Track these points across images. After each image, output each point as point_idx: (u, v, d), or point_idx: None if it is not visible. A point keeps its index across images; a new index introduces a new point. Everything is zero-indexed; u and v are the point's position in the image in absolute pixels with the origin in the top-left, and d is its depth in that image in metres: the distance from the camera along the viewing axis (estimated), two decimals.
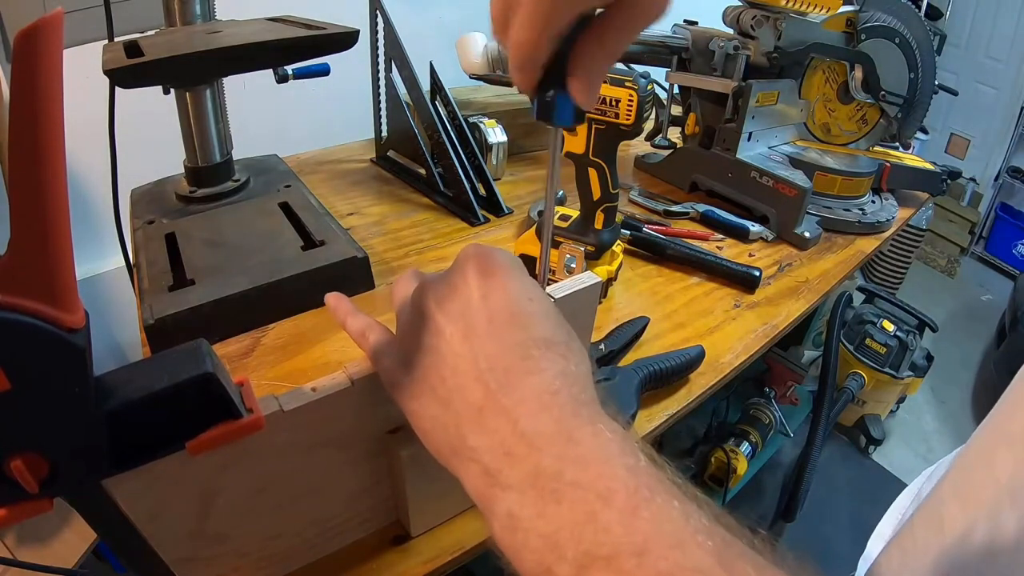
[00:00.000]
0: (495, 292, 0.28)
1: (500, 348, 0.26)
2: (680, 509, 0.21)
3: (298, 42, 0.59)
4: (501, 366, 0.26)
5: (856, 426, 1.73)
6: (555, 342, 0.27)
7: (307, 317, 0.61)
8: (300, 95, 0.89)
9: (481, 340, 0.26)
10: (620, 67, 0.57)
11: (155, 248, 0.63)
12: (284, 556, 0.37)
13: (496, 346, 0.26)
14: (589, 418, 0.24)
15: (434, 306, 0.28)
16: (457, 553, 0.40)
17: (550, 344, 0.27)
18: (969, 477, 0.28)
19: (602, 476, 0.22)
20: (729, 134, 0.85)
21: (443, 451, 0.27)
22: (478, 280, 0.28)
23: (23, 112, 0.17)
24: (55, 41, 0.17)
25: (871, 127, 0.95)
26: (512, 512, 0.23)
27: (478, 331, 0.27)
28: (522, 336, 0.27)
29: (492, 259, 0.29)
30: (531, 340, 0.27)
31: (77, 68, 0.68)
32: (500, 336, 0.27)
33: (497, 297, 0.28)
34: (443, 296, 0.29)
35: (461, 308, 0.28)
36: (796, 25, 0.81)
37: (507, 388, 0.25)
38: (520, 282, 0.29)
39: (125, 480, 0.26)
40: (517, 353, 0.26)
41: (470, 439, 0.25)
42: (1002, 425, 0.27)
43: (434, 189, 0.86)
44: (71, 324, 0.21)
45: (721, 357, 0.59)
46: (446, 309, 0.28)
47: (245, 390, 0.30)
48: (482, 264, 0.29)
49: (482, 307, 0.27)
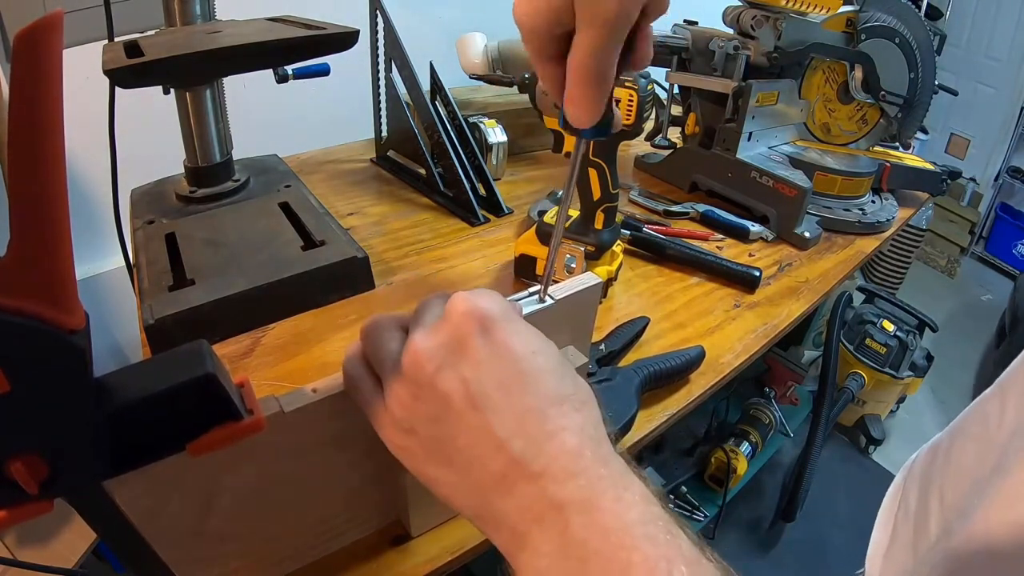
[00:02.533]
0: (500, 352, 0.26)
1: (516, 415, 0.25)
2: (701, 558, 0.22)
3: (298, 42, 0.59)
4: (521, 433, 0.25)
5: (856, 426, 1.73)
6: (567, 396, 0.27)
7: (307, 317, 0.60)
8: (300, 95, 0.89)
9: (495, 408, 0.25)
10: None
11: (155, 248, 0.63)
12: (284, 556, 0.37)
13: (512, 414, 0.25)
14: (612, 481, 0.24)
15: (434, 372, 0.26)
16: (457, 553, 0.40)
17: (563, 399, 0.26)
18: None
19: (623, 547, 0.22)
20: (729, 134, 0.85)
21: (466, 512, 0.27)
22: (480, 340, 0.27)
23: (23, 112, 0.17)
24: (55, 41, 0.17)
25: (871, 127, 0.95)
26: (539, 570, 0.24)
27: (491, 399, 0.26)
28: (536, 398, 0.26)
29: (488, 313, 0.27)
30: (546, 400, 0.26)
31: (77, 68, 0.68)
32: (514, 402, 0.26)
33: (503, 358, 0.26)
34: (442, 361, 0.26)
35: (467, 374, 0.26)
36: (796, 25, 0.81)
37: (530, 455, 0.25)
38: (522, 335, 0.28)
39: (125, 481, 0.26)
40: (535, 418, 0.26)
41: (496, 504, 0.25)
42: None
43: (434, 189, 0.86)
44: (71, 325, 0.21)
45: (721, 357, 0.59)
46: (448, 375, 0.26)
47: (245, 391, 0.30)
48: (480, 320, 0.27)
49: (490, 371, 0.26)
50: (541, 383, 0.27)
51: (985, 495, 0.28)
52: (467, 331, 0.27)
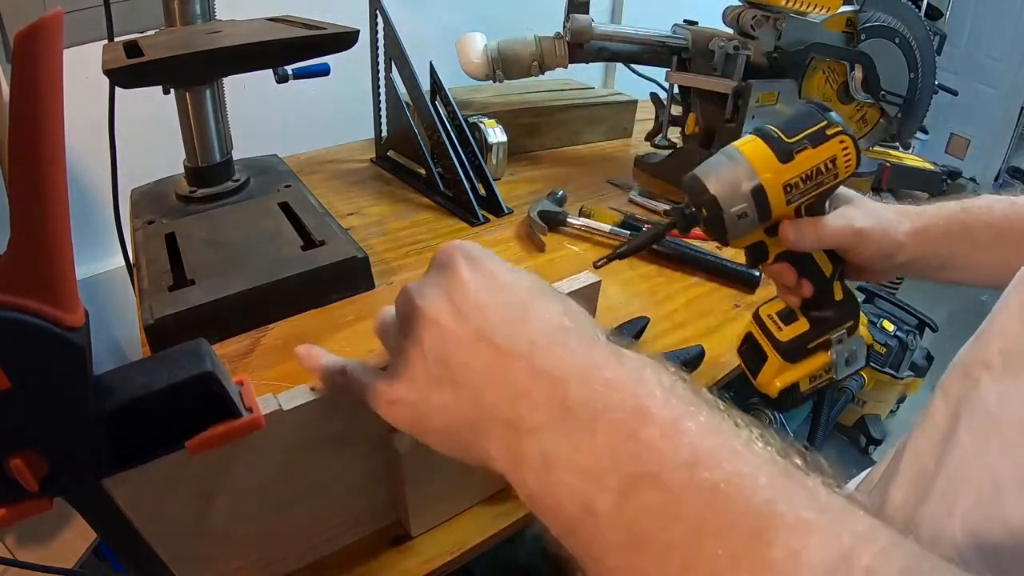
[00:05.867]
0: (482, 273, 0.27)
1: (496, 309, 0.25)
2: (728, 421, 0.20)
3: (298, 42, 0.59)
4: (501, 321, 0.25)
5: (856, 426, 1.73)
6: (549, 294, 0.27)
7: (307, 317, 0.61)
8: (300, 95, 0.89)
9: (475, 310, 0.25)
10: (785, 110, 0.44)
11: (155, 248, 0.63)
12: (284, 556, 0.37)
13: (492, 309, 0.25)
14: (609, 347, 0.23)
15: (419, 301, 0.27)
16: (457, 553, 0.40)
17: (546, 294, 0.26)
18: None
19: (636, 395, 0.20)
20: (729, 134, 0.85)
21: (461, 436, 0.25)
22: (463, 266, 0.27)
23: (23, 112, 0.17)
24: (55, 41, 0.17)
25: (871, 127, 0.95)
26: (545, 452, 0.21)
27: (470, 303, 0.26)
28: (516, 293, 0.26)
29: (470, 247, 0.28)
30: (525, 293, 0.26)
31: (77, 68, 0.68)
32: (493, 300, 0.26)
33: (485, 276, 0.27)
34: (426, 290, 0.27)
35: (447, 292, 0.27)
36: (796, 25, 0.81)
37: (513, 338, 0.24)
38: (504, 264, 0.28)
39: (125, 480, 0.26)
40: (515, 308, 0.25)
41: (487, 399, 0.24)
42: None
43: (434, 189, 0.86)
44: (71, 323, 0.21)
45: (721, 357, 0.59)
46: (431, 299, 0.27)
47: (245, 390, 0.30)
48: (462, 251, 0.28)
49: (469, 283, 0.26)
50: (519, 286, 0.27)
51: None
52: (450, 261, 0.27)
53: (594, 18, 0.83)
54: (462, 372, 0.25)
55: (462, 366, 0.25)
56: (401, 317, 0.28)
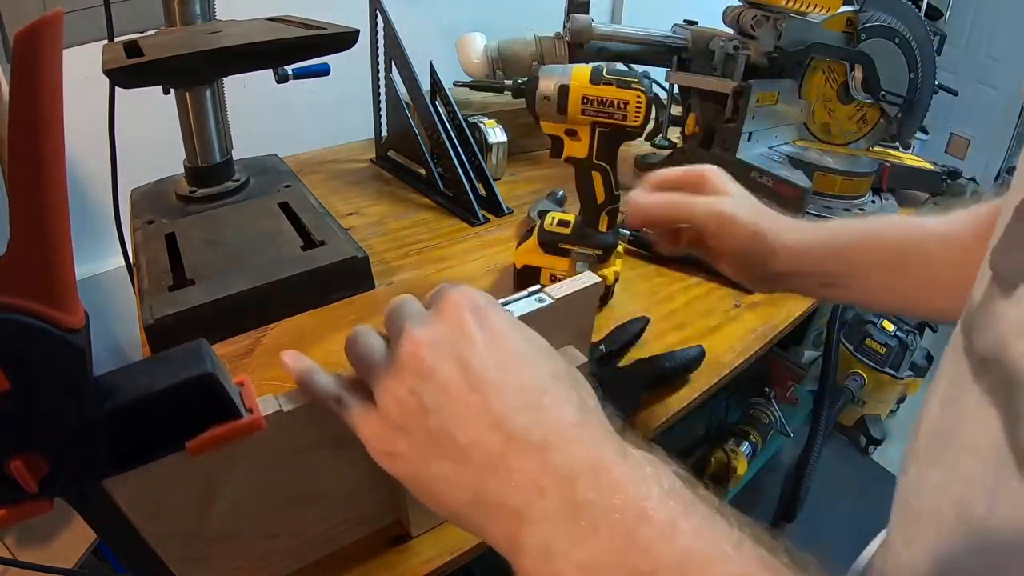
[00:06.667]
0: (496, 336, 0.26)
1: (514, 390, 0.25)
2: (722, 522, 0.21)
3: (298, 42, 0.59)
4: (519, 408, 0.24)
5: (856, 426, 1.73)
6: (563, 376, 0.26)
7: (307, 317, 0.61)
8: (300, 95, 0.89)
9: (493, 386, 0.25)
10: (621, 67, 0.57)
11: (155, 248, 0.63)
12: (284, 556, 0.37)
13: (510, 390, 0.25)
14: (618, 446, 0.24)
15: (434, 360, 0.26)
16: (457, 553, 0.40)
17: (559, 378, 0.26)
18: None
19: (638, 497, 0.21)
20: (729, 134, 0.85)
21: (462, 509, 0.25)
22: (476, 326, 0.26)
23: (23, 112, 0.17)
24: (55, 41, 0.17)
25: (871, 127, 0.95)
26: (547, 545, 0.22)
27: (488, 378, 0.25)
28: (533, 376, 0.26)
29: (480, 301, 0.27)
30: (543, 377, 0.26)
31: (77, 68, 0.68)
32: (511, 380, 0.25)
33: (499, 341, 0.26)
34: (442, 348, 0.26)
35: (463, 357, 0.25)
36: (796, 25, 0.81)
37: (530, 428, 0.24)
38: (513, 322, 0.28)
39: (125, 480, 0.26)
40: (533, 393, 0.25)
41: (492, 486, 0.24)
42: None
43: (434, 189, 0.86)
44: (71, 324, 0.21)
45: (721, 357, 0.59)
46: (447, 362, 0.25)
47: (245, 390, 0.30)
48: (473, 307, 0.27)
49: (488, 354, 0.26)
50: (537, 363, 0.26)
51: None
52: (463, 318, 0.27)
53: (594, 18, 0.83)
54: (468, 451, 0.24)
55: (469, 445, 0.24)
56: (398, 363, 0.27)
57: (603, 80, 0.54)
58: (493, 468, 0.24)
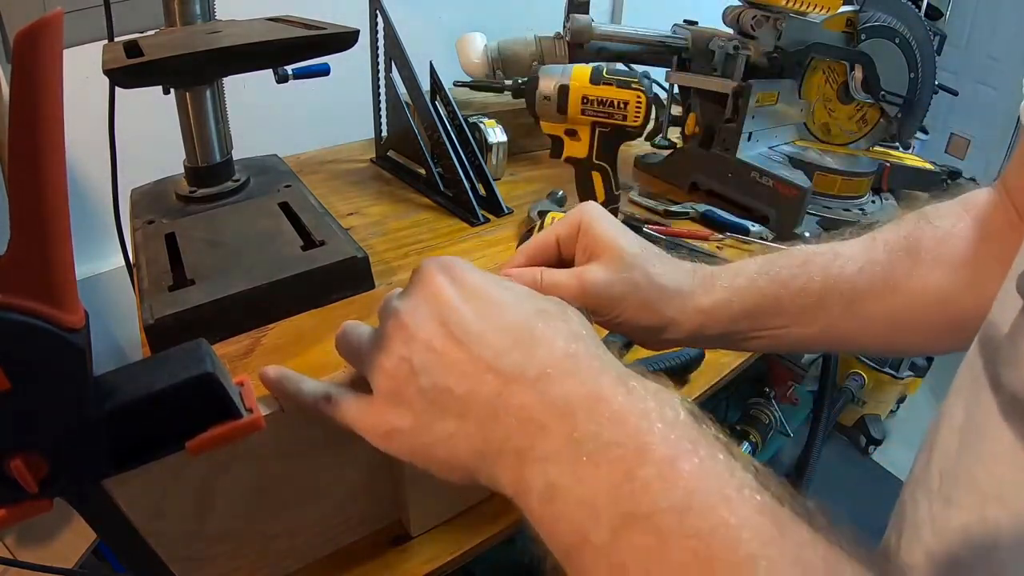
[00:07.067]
0: (471, 291, 0.26)
1: (500, 334, 0.25)
2: (725, 463, 0.20)
3: (298, 42, 0.59)
4: (507, 348, 0.24)
5: (856, 426, 1.73)
6: (552, 312, 0.26)
7: (307, 317, 0.60)
8: (300, 95, 0.89)
9: (477, 335, 0.25)
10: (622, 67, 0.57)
11: (155, 248, 0.63)
12: (284, 556, 0.37)
13: (495, 334, 0.25)
14: (617, 376, 0.23)
15: (412, 325, 0.26)
16: (457, 553, 0.40)
17: (548, 314, 0.26)
18: None
19: (640, 431, 0.21)
20: (729, 134, 0.85)
21: (470, 464, 0.25)
22: (448, 281, 0.26)
23: (23, 112, 0.17)
24: (55, 41, 0.17)
25: (871, 127, 0.95)
26: (551, 482, 0.22)
27: (470, 328, 0.25)
28: (518, 315, 0.25)
29: (453, 263, 0.28)
30: (528, 315, 0.25)
31: (77, 68, 0.68)
32: (493, 324, 0.25)
33: (475, 295, 0.26)
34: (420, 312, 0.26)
35: (442, 315, 0.26)
36: (796, 25, 0.81)
37: (522, 365, 0.23)
38: (487, 275, 0.28)
39: (125, 480, 0.26)
40: (520, 330, 0.25)
41: (496, 432, 0.23)
42: None
43: (434, 189, 0.86)
44: (71, 324, 0.21)
45: (721, 357, 0.59)
46: (426, 323, 0.26)
47: (245, 390, 0.30)
48: (446, 269, 0.27)
49: (466, 305, 0.26)
50: (519, 305, 0.26)
51: None
52: (437, 280, 0.27)
53: (594, 18, 0.83)
54: (466, 401, 0.24)
55: (466, 395, 0.24)
56: (384, 337, 0.27)
57: (603, 80, 0.54)
58: (493, 413, 0.24)
